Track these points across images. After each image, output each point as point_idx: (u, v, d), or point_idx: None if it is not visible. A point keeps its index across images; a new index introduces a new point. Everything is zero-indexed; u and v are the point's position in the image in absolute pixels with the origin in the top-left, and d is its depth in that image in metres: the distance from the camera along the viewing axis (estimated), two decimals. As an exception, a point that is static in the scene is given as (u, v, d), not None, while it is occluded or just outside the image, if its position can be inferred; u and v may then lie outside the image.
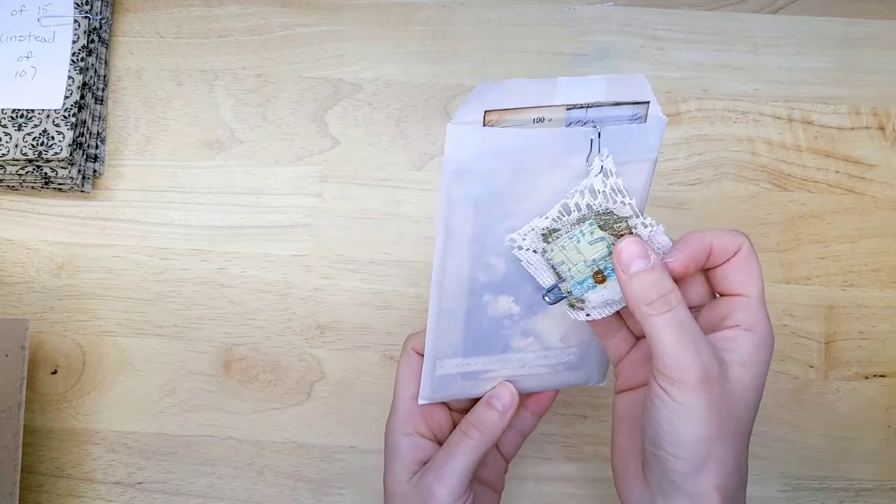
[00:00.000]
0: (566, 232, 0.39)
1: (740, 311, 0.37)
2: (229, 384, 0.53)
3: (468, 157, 0.36)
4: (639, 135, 0.38)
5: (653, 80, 0.57)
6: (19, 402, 0.47)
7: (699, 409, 0.34)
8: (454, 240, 0.38)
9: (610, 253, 0.38)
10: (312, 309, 0.54)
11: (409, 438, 0.42)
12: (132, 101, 0.57)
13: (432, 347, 0.41)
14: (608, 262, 0.39)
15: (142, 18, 0.58)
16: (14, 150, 0.52)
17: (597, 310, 0.40)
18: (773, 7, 0.58)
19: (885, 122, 0.56)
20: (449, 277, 0.39)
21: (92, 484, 0.52)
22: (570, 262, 0.39)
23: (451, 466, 0.40)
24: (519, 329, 0.41)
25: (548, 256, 0.40)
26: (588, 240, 0.39)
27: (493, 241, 0.39)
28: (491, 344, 0.41)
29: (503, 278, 0.40)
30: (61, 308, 0.54)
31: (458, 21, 0.58)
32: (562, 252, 0.39)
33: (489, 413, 0.41)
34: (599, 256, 0.39)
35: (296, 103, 0.57)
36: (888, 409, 0.53)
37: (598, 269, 0.39)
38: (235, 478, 0.52)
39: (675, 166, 0.56)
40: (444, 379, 0.42)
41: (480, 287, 0.40)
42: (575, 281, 0.39)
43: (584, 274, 0.39)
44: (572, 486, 0.52)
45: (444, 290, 0.40)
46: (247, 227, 0.55)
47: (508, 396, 0.42)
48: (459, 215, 0.38)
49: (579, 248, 0.39)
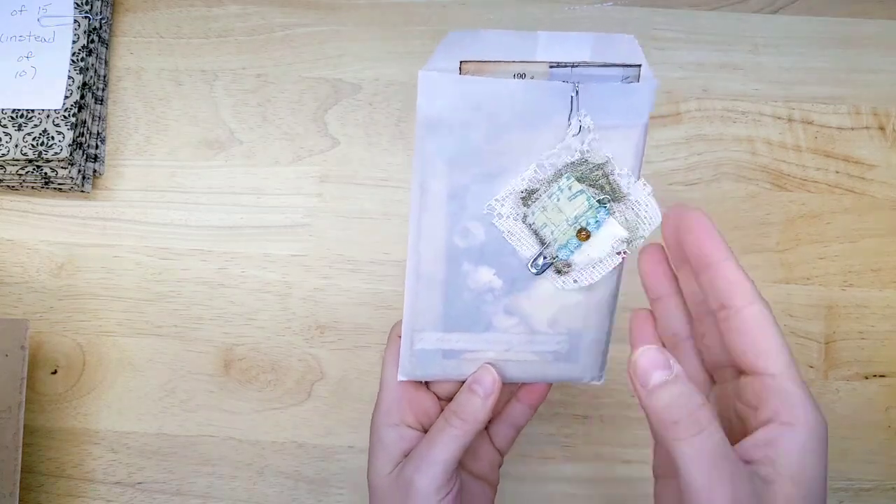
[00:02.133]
0: (545, 191, 0.37)
1: (770, 397, 0.31)
2: (229, 384, 0.53)
3: (442, 107, 0.35)
4: (626, 96, 0.35)
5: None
6: (19, 402, 0.47)
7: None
8: (429, 197, 0.36)
9: (591, 207, 0.37)
10: (312, 309, 0.54)
11: (395, 429, 0.40)
12: (132, 101, 0.57)
13: (410, 318, 0.39)
14: (590, 217, 0.37)
15: (142, 18, 0.58)
16: (14, 150, 0.52)
17: (584, 273, 0.38)
18: (773, 7, 0.58)
19: (884, 122, 0.56)
20: (425, 240, 0.37)
21: (92, 484, 0.52)
22: (552, 224, 0.38)
23: (433, 456, 0.38)
24: (502, 306, 0.39)
25: (529, 221, 0.38)
26: (567, 195, 0.37)
27: (471, 201, 0.37)
28: (472, 320, 0.39)
29: (482, 246, 0.38)
30: (61, 308, 0.54)
31: (458, 21, 0.58)
32: (542, 214, 0.38)
33: (471, 399, 0.39)
34: (580, 212, 0.37)
35: (296, 103, 0.57)
36: (888, 409, 0.53)
37: (581, 227, 0.37)
38: (235, 478, 0.52)
39: (674, 166, 0.56)
40: (424, 355, 0.40)
41: (459, 254, 0.38)
42: (559, 244, 0.38)
43: (568, 234, 0.37)
44: (572, 486, 0.52)
45: (421, 255, 0.38)
46: (247, 227, 0.55)
47: (490, 380, 0.39)
48: (434, 170, 0.36)
49: (559, 207, 0.37)
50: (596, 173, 0.36)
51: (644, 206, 0.37)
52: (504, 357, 0.40)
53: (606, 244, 0.37)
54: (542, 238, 0.38)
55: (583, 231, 0.37)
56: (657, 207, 0.37)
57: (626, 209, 0.37)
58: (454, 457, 0.38)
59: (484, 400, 0.38)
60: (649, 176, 0.56)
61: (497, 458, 0.43)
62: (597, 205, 0.37)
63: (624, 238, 0.37)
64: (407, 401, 0.40)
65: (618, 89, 0.35)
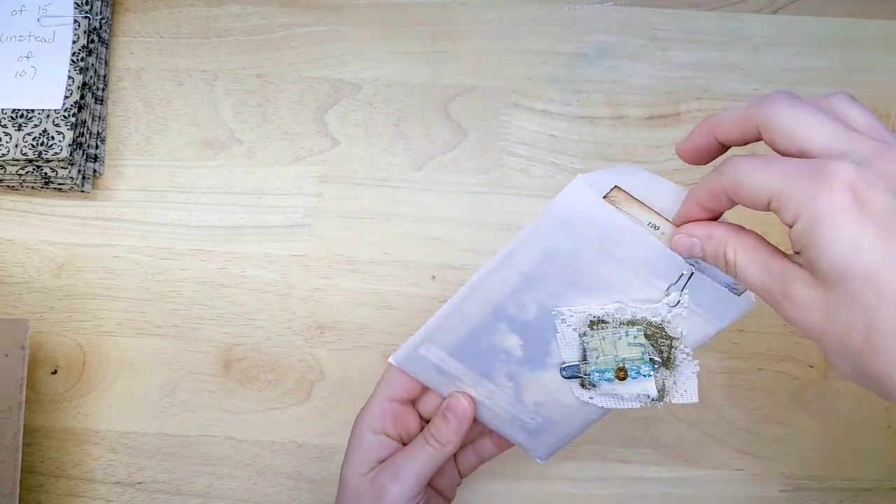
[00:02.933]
0: (612, 327, 0.40)
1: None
2: (229, 384, 0.53)
3: (575, 214, 0.38)
4: (725, 302, 0.38)
5: (653, 80, 0.58)
6: (19, 402, 0.47)
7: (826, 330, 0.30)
8: (510, 264, 0.40)
9: (642, 360, 0.40)
10: (312, 309, 0.54)
11: (376, 436, 0.43)
12: (132, 101, 0.57)
13: (430, 330, 0.42)
14: (636, 365, 0.40)
15: (142, 18, 0.58)
16: (14, 150, 0.52)
17: (603, 398, 0.41)
18: (773, 7, 0.58)
19: (884, 122, 0.56)
20: (484, 291, 0.41)
21: (92, 484, 0.52)
22: (601, 352, 0.41)
23: (409, 468, 0.41)
24: (508, 370, 0.42)
25: (584, 339, 0.41)
26: (628, 340, 0.40)
27: (543, 290, 0.40)
28: (477, 363, 0.42)
29: (526, 323, 0.41)
30: (61, 308, 0.54)
31: (458, 21, 0.58)
32: (600, 341, 0.41)
33: (446, 425, 0.42)
34: (631, 357, 0.40)
35: (296, 103, 0.57)
36: (888, 409, 0.53)
37: (623, 367, 0.40)
38: (235, 478, 0.52)
39: (675, 166, 0.56)
40: (422, 360, 0.43)
41: (503, 315, 0.41)
42: (597, 368, 0.41)
43: (609, 366, 0.41)
44: (571, 486, 0.52)
45: (473, 298, 0.41)
46: (247, 227, 0.55)
47: (461, 408, 0.42)
48: (530, 250, 0.39)
49: (616, 344, 0.40)
50: (664, 341, 0.40)
51: (684, 382, 0.41)
52: (482, 399, 0.43)
53: (635, 391, 0.41)
54: (587, 356, 0.41)
55: (622, 370, 0.40)
56: (696, 389, 0.40)
57: (668, 376, 0.41)
58: (428, 472, 0.42)
59: (458, 426, 0.42)
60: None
61: (457, 479, 0.46)
62: (648, 362, 0.40)
63: (653, 397, 0.41)
64: (393, 414, 0.43)
65: (723, 294, 0.38)
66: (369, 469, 0.42)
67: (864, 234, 0.28)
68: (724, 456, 0.52)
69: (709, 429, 0.52)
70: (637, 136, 0.56)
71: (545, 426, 0.43)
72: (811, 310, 0.30)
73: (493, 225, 0.55)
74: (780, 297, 0.31)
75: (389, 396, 0.43)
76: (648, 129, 0.56)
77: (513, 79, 0.57)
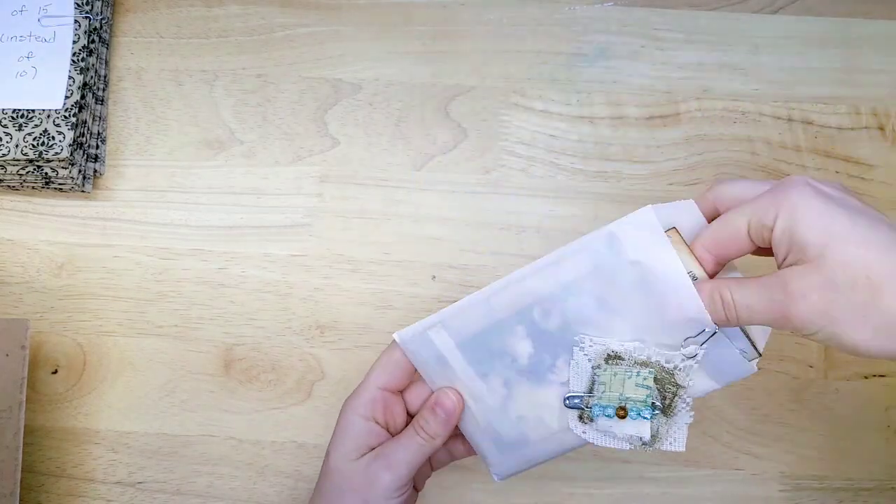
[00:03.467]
0: (626, 365, 0.42)
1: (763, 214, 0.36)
2: (229, 384, 0.53)
3: (633, 244, 0.40)
4: (733, 364, 0.41)
5: (653, 80, 0.58)
6: (20, 402, 0.47)
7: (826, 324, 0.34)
8: (554, 272, 0.41)
9: (644, 402, 0.41)
10: (312, 309, 0.54)
11: (367, 423, 0.43)
12: (132, 102, 0.57)
13: (447, 315, 0.43)
14: (637, 407, 0.41)
15: (142, 19, 0.58)
16: (14, 150, 0.52)
17: (597, 434, 0.43)
18: (773, 7, 0.58)
19: (884, 123, 0.56)
20: (518, 290, 0.42)
21: (92, 483, 0.52)
22: (608, 387, 0.42)
23: (401, 458, 0.42)
24: (507, 376, 0.43)
25: (596, 372, 0.42)
26: (637, 381, 0.42)
27: (573, 303, 0.41)
28: (481, 360, 0.43)
29: (545, 332, 0.42)
30: (62, 308, 0.54)
31: (458, 21, 0.58)
32: (611, 376, 0.42)
33: (435, 419, 0.43)
34: (635, 398, 0.41)
35: (296, 103, 0.57)
36: (888, 409, 0.53)
37: (624, 406, 0.42)
38: (236, 477, 0.52)
39: (675, 166, 0.56)
40: (427, 344, 0.43)
41: (526, 319, 0.42)
42: (599, 403, 0.42)
43: (612, 402, 0.42)
44: (572, 486, 0.52)
45: (504, 294, 0.42)
46: (247, 227, 0.55)
47: (449, 404, 0.43)
48: (578, 263, 0.41)
49: (624, 383, 0.42)
50: (671, 388, 0.42)
51: (676, 431, 0.42)
52: (468, 400, 0.44)
53: (629, 432, 0.42)
54: (593, 388, 0.42)
55: (623, 409, 0.42)
56: (684, 441, 0.42)
57: (664, 422, 0.42)
58: (417, 463, 0.43)
59: (446, 420, 0.43)
60: (649, 175, 0.56)
61: (429, 472, 0.47)
62: (650, 406, 0.41)
63: (644, 440, 0.42)
64: (383, 402, 0.44)
65: (735, 357, 0.40)
66: (359, 455, 0.43)
67: (833, 210, 0.34)
68: (724, 456, 0.52)
69: (709, 429, 0.52)
70: (637, 136, 0.56)
71: (518, 444, 0.44)
72: (812, 291, 0.34)
73: (493, 225, 0.55)
74: (784, 299, 0.35)
75: (381, 384, 0.44)
76: (648, 129, 0.56)
77: (513, 79, 0.57)
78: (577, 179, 0.56)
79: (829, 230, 0.34)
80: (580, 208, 0.55)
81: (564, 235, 0.54)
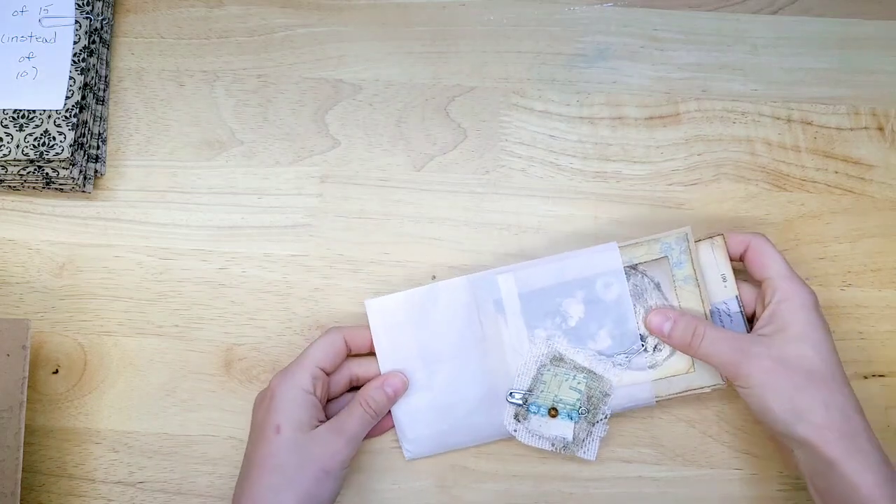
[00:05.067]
0: (566, 368, 0.48)
1: (770, 290, 0.47)
2: (230, 384, 0.53)
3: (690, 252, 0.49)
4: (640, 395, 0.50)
5: (652, 81, 0.58)
6: (21, 402, 0.47)
7: (763, 384, 0.44)
8: (626, 252, 0.49)
9: (573, 406, 0.48)
10: (313, 309, 0.54)
11: (312, 397, 0.47)
12: (133, 102, 0.57)
13: (520, 267, 0.49)
14: (567, 410, 0.48)
15: (143, 19, 0.59)
16: (15, 150, 0.52)
17: (526, 434, 0.48)
18: (772, 8, 0.58)
19: (883, 123, 0.56)
20: (591, 260, 0.49)
21: (93, 483, 0.52)
22: (546, 387, 0.48)
23: (354, 429, 0.47)
24: (550, 333, 0.49)
25: (541, 370, 0.48)
26: (570, 384, 0.48)
27: (632, 284, 0.49)
28: (534, 313, 0.49)
29: (601, 304, 0.49)
30: (62, 308, 0.54)
31: (458, 21, 0.58)
32: (552, 377, 0.48)
33: (385, 396, 0.49)
34: (567, 400, 0.48)
35: (296, 104, 0.57)
36: (888, 409, 0.53)
37: (556, 407, 0.48)
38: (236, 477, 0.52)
39: (674, 166, 0.56)
40: (488, 286, 0.50)
41: (588, 286, 0.49)
42: (536, 402, 0.48)
43: (546, 402, 0.48)
44: (571, 486, 0.52)
45: (577, 262, 0.49)
46: (247, 227, 0.55)
47: (400, 384, 0.49)
48: (650, 250, 0.49)
49: (560, 385, 0.48)
50: (598, 394, 0.48)
51: (591, 442, 0.48)
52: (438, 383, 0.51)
53: (555, 433, 0.48)
54: (533, 389, 0.48)
55: (554, 410, 0.48)
56: (596, 451, 0.49)
57: (584, 429, 0.48)
58: (364, 433, 0.48)
59: (392, 398, 0.49)
60: (648, 176, 0.56)
61: None
62: (577, 407, 0.48)
63: (567, 442, 0.48)
64: (322, 380, 0.48)
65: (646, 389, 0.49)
66: (312, 427, 0.47)
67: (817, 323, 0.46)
68: (723, 455, 0.52)
69: (708, 429, 0.52)
70: (636, 136, 0.56)
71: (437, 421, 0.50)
72: (767, 359, 0.44)
73: (493, 225, 0.55)
74: (742, 354, 0.45)
75: (319, 364, 0.48)
76: (648, 129, 0.56)
77: (513, 79, 0.57)
78: (576, 179, 0.56)
79: (808, 334, 0.45)
80: (580, 208, 0.55)
81: (564, 236, 0.55)
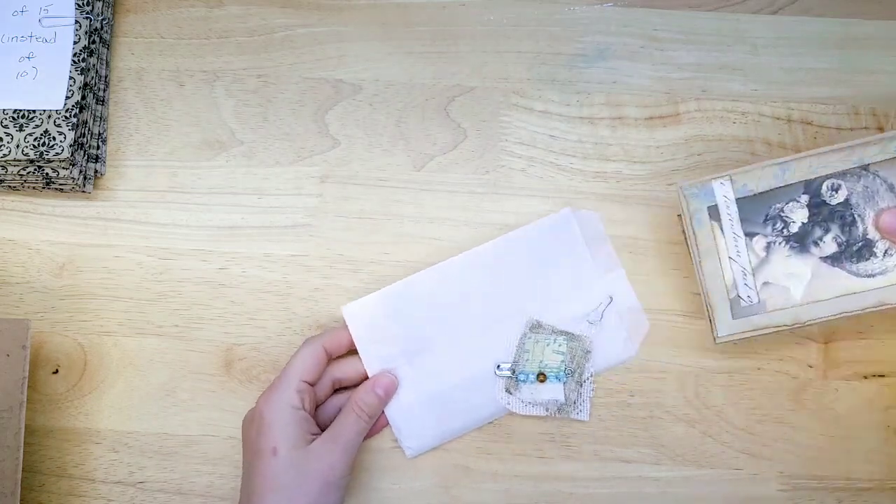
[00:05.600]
0: (545, 333, 0.49)
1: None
2: (230, 384, 0.53)
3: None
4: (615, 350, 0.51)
5: (652, 81, 0.58)
6: (21, 402, 0.47)
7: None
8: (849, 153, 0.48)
9: (560, 367, 0.48)
10: (313, 309, 0.54)
11: (302, 412, 0.47)
12: (133, 102, 0.57)
13: (737, 171, 0.49)
14: (556, 371, 0.48)
15: (143, 19, 0.59)
16: (15, 150, 0.52)
17: (519, 404, 0.49)
18: (772, 8, 0.58)
19: (883, 123, 0.56)
20: (817, 163, 0.48)
21: (93, 483, 0.52)
22: (530, 355, 0.49)
23: (349, 438, 0.47)
24: (770, 240, 0.49)
25: (523, 339, 0.49)
26: (553, 348, 0.48)
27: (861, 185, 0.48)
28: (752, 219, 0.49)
29: (825, 208, 0.48)
30: (62, 308, 0.54)
31: (458, 21, 0.58)
32: (533, 344, 0.49)
33: (377, 399, 0.49)
34: (552, 364, 0.48)
35: (296, 104, 0.57)
36: (887, 409, 0.53)
37: (544, 371, 0.48)
38: (237, 477, 0.52)
39: (674, 166, 0.56)
40: (707, 191, 0.49)
41: (813, 191, 0.48)
42: (522, 371, 0.49)
43: (533, 369, 0.48)
44: (571, 486, 0.52)
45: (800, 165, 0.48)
46: (247, 227, 0.55)
47: (390, 384, 0.50)
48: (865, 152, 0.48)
49: (544, 350, 0.49)
50: (580, 353, 0.49)
51: (583, 402, 0.50)
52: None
53: (546, 397, 0.48)
54: (517, 356, 0.49)
55: (542, 375, 0.48)
56: (588, 412, 0.50)
57: (573, 389, 0.49)
58: (360, 440, 0.48)
59: (384, 399, 0.50)
60: (648, 175, 0.56)
61: None
62: (563, 368, 0.48)
63: (560, 404, 0.49)
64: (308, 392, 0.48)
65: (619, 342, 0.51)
66: (307, 442, 0.46)
67: None
68: (724, 455, 0.52)
69: (708, 428, 0.52)
70: (636, 136, 0.56)
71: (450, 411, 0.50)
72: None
73: (493, 225, 0.55)
74: None
75: (303, 377, 0.48)
76: (648, 129, 0.56)
77: (513, 79, 0.57)
78: (576, 179, 0.56)
79: None
80: (580, 208, 0.55)
81: (564, 235, 0.54)
